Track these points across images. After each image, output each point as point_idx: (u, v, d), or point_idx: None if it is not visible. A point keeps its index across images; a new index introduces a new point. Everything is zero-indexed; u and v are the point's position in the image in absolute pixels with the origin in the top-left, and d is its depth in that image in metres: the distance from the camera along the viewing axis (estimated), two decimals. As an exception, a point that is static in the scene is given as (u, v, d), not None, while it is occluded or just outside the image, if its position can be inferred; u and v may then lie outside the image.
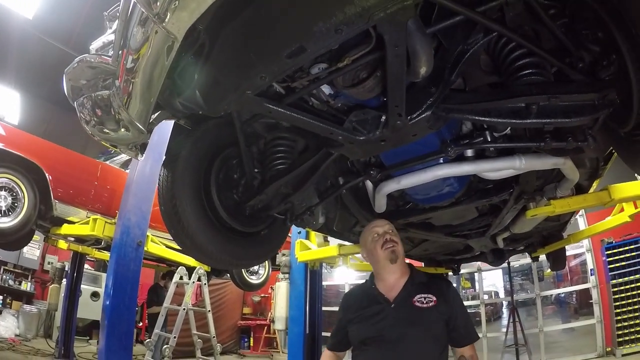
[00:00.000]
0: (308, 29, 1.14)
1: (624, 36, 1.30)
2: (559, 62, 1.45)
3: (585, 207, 3.44)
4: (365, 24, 1.09)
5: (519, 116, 1.49)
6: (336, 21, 1.08)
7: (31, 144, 5.63)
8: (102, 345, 4.96)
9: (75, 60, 1.79)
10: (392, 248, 2.20)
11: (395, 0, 1.01)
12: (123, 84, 1.48)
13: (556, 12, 1.46)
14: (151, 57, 1.30)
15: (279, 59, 1.26)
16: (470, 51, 1.45)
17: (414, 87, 1.48)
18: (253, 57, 1.30)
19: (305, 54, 1.22)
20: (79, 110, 1.79)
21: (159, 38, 1.23)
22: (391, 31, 1.16)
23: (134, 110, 1.52)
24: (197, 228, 2.13)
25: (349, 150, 1.72)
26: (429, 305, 2.06)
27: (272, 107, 1.50)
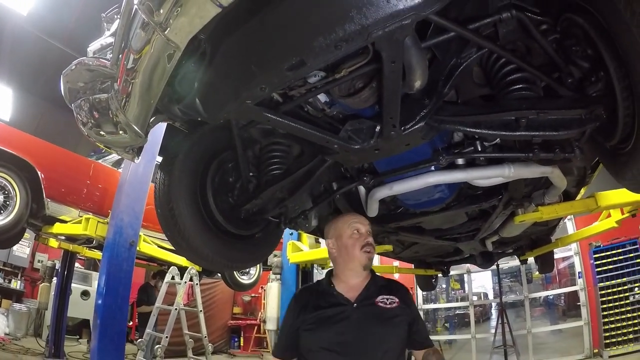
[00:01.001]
0: (308, 44, 1.17)
1: (611, 55, 1.33)
2: (548, 78, 1.49)
3: (572, 214, 3.50)
4: (364, 41, 1.13)
5: (508, 128, 1.53)
6: (336, 37, 1.11)
7: (24, 142, 5.58)
8: (95, 344, 4.94)
9: (73, 62, 1.79)
10: (370, 254, 2.08)
11: (393, 19, 1.05)
12: (122, 88, 1.50)
13: (548, 29, 1.49)
14: (151, 63, 1.32)
15: (279, 72, 1.28)
16: (463, 65, 1.49)
17: (408, 99, 1.52)
18: (254, 68, 1.32)
19: (304, 68, 1.25)
20: (76, 112, 1.80)
21: (160, 45, 1.25)
22: (389, 48, 1.20)
23: (132, 114, 1.53)
24: (193, 231, 2.18)
25: (344, 158, 1.77)
26: (393, 306, 1.98)
27: (270, 117, 1.53)
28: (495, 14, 1.37)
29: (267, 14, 1.18)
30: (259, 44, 1.27)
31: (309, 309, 2.02)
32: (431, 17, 1.20)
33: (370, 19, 1.05)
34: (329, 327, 1.94)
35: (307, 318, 2.00)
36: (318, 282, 2.22)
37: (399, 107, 1.43)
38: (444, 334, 12.12)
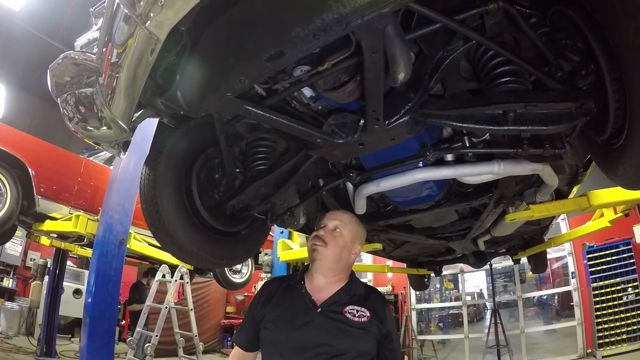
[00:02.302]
0: (286, 34, 1.15)
1: (601, 47, 1.31)
2: (536, 71, 1.46)
3: (564, 213, 3.48)
4: (343, 31, 1.10)
5: (496, 123, 1.50)
6: (314, 27, 1.09)
7: (14, 139, 5.55)
8: (84, 343, 4.93)
9: (60, 56, 1.78)
10: (314, 247, 1.91)
11: (372, 7, 1.02)
12: (106, 82, 1.49)
13: (537, 21, 1.46)
14: (134, 56, 1.31)
15: (258, 63, 1.26)
16: (450, 58, 1.47)
17: (393, 92, 1.49)
18: (232, 60, 1.31)
19: (283, 59, 1.23)
20: (62, 106, 1.80)
21: (142, 38, 1.24)
22: (368, 37, 1.17)
23: (117, 109, 1.52)
24: (177, 227, 2.15)
25: (328, 153, 1.74)
26: (361, 320, 1.78)
27: (251, 109, 1.51)
28: (481, 5, 1.34)
29: (245, 5, 1.16)
30: (237, 35, 1.26)
31: (272, 303, 1.89)
32: (413, 6, 1.17)
33: (348, 8, 1.03)
34: (286, 330, 1.79)
35: (267, 314, 1.86)
36: (292, 274, 2.13)
37: (382, 100, 1.40)
38: (438, 334, 12.14)
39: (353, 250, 1.96)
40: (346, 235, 1.93)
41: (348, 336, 1.75)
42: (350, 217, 2.01)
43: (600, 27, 1.28)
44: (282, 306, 1.86)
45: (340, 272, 1.93)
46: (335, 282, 1.90)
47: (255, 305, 1.94)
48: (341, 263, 1.92)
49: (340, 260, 1.91)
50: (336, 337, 1.73)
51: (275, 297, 1.90)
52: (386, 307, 1.93)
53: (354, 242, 1.96)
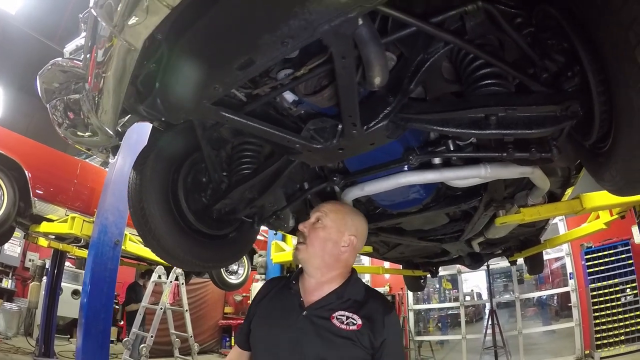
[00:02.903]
0: (254, 42, 1.15)
1: (585, 47, 1.28)
2: (517, 73, 1.44)
3: (556, 215, 3.47)
4: (310, 37, 1.10)
5: (478, 127, 1.47)
6: (281, 34, 1.09)
7: (11, 141, 5.61)
8: (80, 343, 4.97)
9: (48, 63, 1.83)
10: (295, 247, 1.82)
11: (338, 13, 1.01)
12: (91, 89, 1.51)
13: (522, 21, 1.43)
14: (114, 64, 1.33)
15: (229, 71, 1.27)
16: (430, 60, 1.44)
17: (372, 96, 1.48)
18: (206, 68, 1.32)
19: (254, 66, 1.23)
20: (52, 112, 1.85)
21: (120, 47, 1.26)
22: (337, 43, 1.16)
23: (102, 115, 1.55)
24: (163, 230, 2.15)
25: (308, 158, 1.72)
26: (349, 329, 1.57)
27: (227, 116, 1.51)
28: (460, 6, 1.31)
29: (214, 14, 1.16)
30: (209, 43, 1.26)
31: (266, 300, 1.81)
32: (384, 9, 1.16)
33: (314, 14, 1.02)
34: (270, 330, 1.70)
35: (259, 311, 1.79)
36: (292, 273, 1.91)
37: (357, 105, 1.38)
38: (437, 334, 12.14)
39: (341, 242, 1.74)
40: (329, 225, 1.75)
41: (327, 345, 1.57)
42: (332, 205, 1.85)
43: (584, 25, 1.25)
44: (273, 305, 1.77)
45: (330, 270, 1.73)
46: (327, 282, 1.72)
47: (252, 303, 1.90)
48: (328, 258, 1.72)
49: (325, 256, 1.72)
50: (313, 345, 1.57)
51: (270, 295, 1.82)
52: (388, 315, 1.66)
53: (341, 232, 1.75)
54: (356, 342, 1.56)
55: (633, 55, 1.07)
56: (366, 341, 1.57)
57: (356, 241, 1.78)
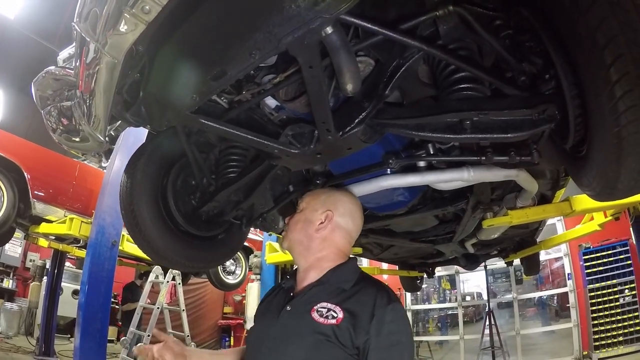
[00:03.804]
0: (225, 55, 1.20)
1: (557, 50, 1.26)
2: (490, 77, 1.43)
3: (545, 218, 3.47)
4: (276, 49, 1.13)
5: (454, 131, 1.46)
6: (248, 46, 1.13)
7: (10, 143, 5.72)
8: (77, 342, 5.04)
9: (42, 71, 1.89)
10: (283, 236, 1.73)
11: (300, 25, 1.04)
12: (82, 97, 1.57)
13: (501, 24, 1.41)
14: (101, 76, 1.38)
15: (205, 82, 1.31)
16: (405, 65, 1.44)
17: (348, 102, 1.50)
18: (183, 79, 1.36)
19: (226, 77, 1.27)
20: (46, 118, 1.92)
21: (104, 58, 1.30)
22: (302, 53, 1.19)
23: (93, 122, 1.60)
24: (153, 232, 2.20)
25: (288, 162, 1.75)
26: (327, 322, 1.37)
27: (206, 123, 1.55)
28: (431, 11, 1.31)
29: (188, 28, 1.21)
30: (184, 55, 1.31)
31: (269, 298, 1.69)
32: (347, 18, 1.18)
33: (277, 27, 1.06)
34: (258, 326, 1.61)
35: (259, 308, 1.70)
36: None
37: (329, 111, 1.41)
38: (437, 334, 12.14)
39: (316, 219, 1.60)
40: (303, 207, 1.67)
41: (298, 343, 1.39)
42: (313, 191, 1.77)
43: (555, 28, 1.24)
44: (269, 302, 1.65)
45: (311, 252, 1.59)
46: (313, 269, 1.57)
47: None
48: (306, 240, 1.60)
49: (303, 238, 1.61)
50: (290, 342, 1.41)
51: (273, 294, 1.70)
52: (381, 309, 1.40)
53: (315, 210, 1.63)
54: (331, 339, 1.35)
55: (602, 58, 1.06)
56: (346, 338, 1.35)
57: (334, 215, 1.60)
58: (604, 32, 1.03)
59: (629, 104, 1.06)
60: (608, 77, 1.06)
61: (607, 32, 1.03)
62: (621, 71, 1.04)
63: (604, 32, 1.03)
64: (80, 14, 1.24)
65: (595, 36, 1.05)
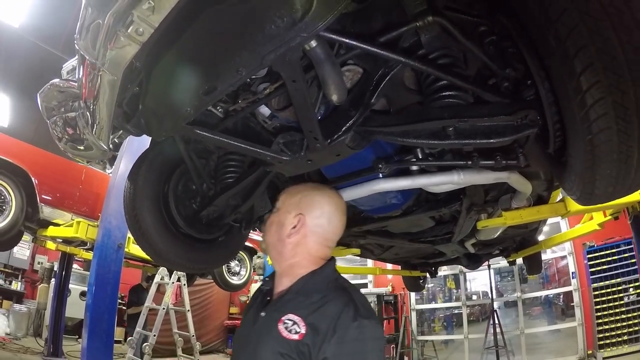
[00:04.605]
0: (214, 71, 1.28)
1: (533, 58, 1.27)
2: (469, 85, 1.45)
3: (539, 219, 3.48)
4: (260, 65, 1.20)
5: (437, 137, 1.49)
6: (235, 64, 1.20)
7: (18, 149, 5.88)
8: (85, 343, 5.09)
9: (47, 84, 2.00)
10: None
11: (280, 43, 1.10)
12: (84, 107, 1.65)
13: (485, 30, 1.41)
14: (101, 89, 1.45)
15: (197, 96, 1.38)
16: (390, 74, 1.47)
17: (336, 110, 1.56)
18: (177, 94, 1.44)
19: (217, 92, 1.34)
20: (52, 128, 2.01)
21: (104, 74, 1.38)
22: (284, 69, 1.26)
23: (95, 131, 1.69)
24: (155, 235, 2.29)
25: (281, 169, 1.82)
26: (290, 337, 1.28)
27: (202, 134, 1.63)
28: (412, 22, 1.33)
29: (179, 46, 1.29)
30: (177, 72, 1.39)
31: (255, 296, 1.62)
32: (326, 35, 1.23)
33: (260, 45, 1.13)
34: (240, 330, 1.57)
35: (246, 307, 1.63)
36: None
37: (315, 121, 1.47)
38: (442, 334, 12.15)
39: (288, 223, 1.50)
40: (278, 208, 1.58)
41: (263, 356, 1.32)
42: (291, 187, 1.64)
43: (530, 35, 1.24)
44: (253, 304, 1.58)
45: (283, 258, 1.50)
46: (286, 275, 1.49)
47: None
48: (279, 245, 1.51)
49: (276, 242, 1.52)
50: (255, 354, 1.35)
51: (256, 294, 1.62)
52: (343, 324, 1.27)
53: (288, 212, 1.52)
54: (292, 355, 1.27)
55: (572, 67, 1.06)
56: (306, 356, 1.26)
57: (307, 219, 1.49)
58: (574, 41, 1.04)
59: (600, 112, 1.07)
60: (579, 85, 1.07)
61: (577, 41, 1.04)
62: (592, 80, 1.05)
63: (574, 41, 1.04)
64: (80, 32, 1.31)
65: (566, 45, 1.06)
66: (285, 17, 1.05)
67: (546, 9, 1.08)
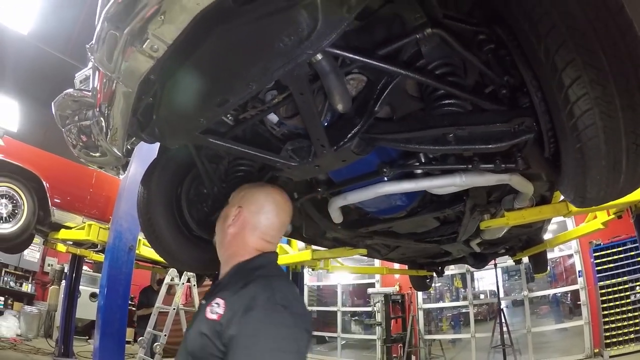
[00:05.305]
0: (226, 84, 1.37)
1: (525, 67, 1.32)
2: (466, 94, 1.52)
3: (541, 219, 3.53)
4: (269, 80, 1.29)
5: (439, 143, 1.55)
6: (246, 79, 1.29)
7: (29, 154, 5.97)
8: (97, 343, 5.22)
9: (62, 93, 2.08)
10: None
11: (288, 60, 1.18)
12: (99, 117, 1.75)
13: (484, 38, 1.46)
14: (116, 100, 1.54)
15: (211, 108, 1.47)
16: (393, 83, 1.53)
17: (341, 118, 1.63)
18: (191, 106, 1.53)
19: (229, 103, 1.43)
20: (67, 135, 2.09)
21: (119, 86, 1.46)
22: (293, 83, 1.35)
23: (110, 139, 1.78)
24: (169, 238, 2.38)
25: (290, 174, 1.89)
26: (210, 318, 1.36)
27: (214, 142, 1.72)
28: (412, 34, 1.39)
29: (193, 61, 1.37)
30: (191, 85, 1.46)
31: None
32: (330, 50, 1.30)
33: (269, 62, 1.21)
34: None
35: None
36: None
37: (322, 129, 1.54)
38: (449, 333, 12.18)
39: (230, 215, 1.65)
40: (229, 202, 1.75)
41: (193, 336, 1.41)
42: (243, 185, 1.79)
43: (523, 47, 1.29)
44: None
45: (223, 249, 1.65)
46: (225, 265, 1.63)
47: None
48: (221, 236, 1.68)
49: (221, 234, 1.69)
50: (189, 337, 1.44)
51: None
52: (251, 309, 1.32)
53: (232, 206, 1.68)
54: (208, 334, 1.35)
55: (561, 80, 1.13)
56: (218, 335, 1.33)
57: (244, 212, 1.62)
58: (562, 56, 1.11)
59: (588, 122, 1.15)
60: (567, 97, 1.14)
61: (565, 56, 1.10)
62: (579, 92, 1.12)
63: (562, 56, 1.11)
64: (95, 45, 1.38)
65: (554, 59, 1.13)
66: (292, 36, 1.13)
67: (535, 25, 1.15)
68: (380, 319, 11.74)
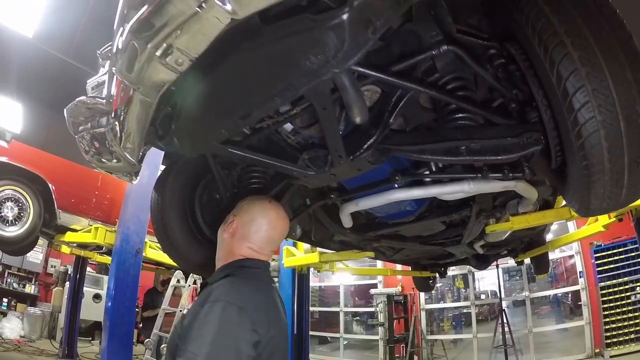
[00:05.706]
0: (251, 99, 1.41)
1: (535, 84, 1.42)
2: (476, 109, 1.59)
3: (545, 223, 3.59)
4: (294, 95, 1.33)
5: (451, 154, 1.62)
6: (271, 93, 1.33)
7: (34, 157, 5.99)
8: (104, 344, 5.27)
9: (75, 100, 2.07)
10: None
11: (314, 77, 1.23)
12: (115, 125, 1.76)
13: (495, 53, 1.56)
14: (134, 108, 1.57)
15: (233, 120, 1.51)
16: (407, 96, 1.60)
17: (357, 129, 1.68)
18: (214, 118, 1.57)
19: (252, 117, 1.48)
20: (79, 141, 2.11)
21: (138, 97, 1.49)
22: (317, 99, 1.40)
23: (125, 146, 1.80)
24: (182, 243, 2.42)
25: (306, 182, 1.96)
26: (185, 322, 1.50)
27: (233, 152, 1.76)
28: (427, 50, 1.47)
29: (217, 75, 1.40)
30: (214, 98, 1.51)
31: None
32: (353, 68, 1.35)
33: (295, 79, 1.26)
34: None
35: None
36: None
37: (340, 140, 1.59)
38: (451, 333, 12.22)
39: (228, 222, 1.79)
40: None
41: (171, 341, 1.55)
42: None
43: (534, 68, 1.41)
44: None
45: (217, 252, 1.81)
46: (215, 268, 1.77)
47: None
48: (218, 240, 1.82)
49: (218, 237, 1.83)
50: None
51: None
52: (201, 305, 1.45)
53: (232, 214, 1.81)
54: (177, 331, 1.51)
55: (570, 104, 1.26)
56: (180, 325, 1.50)
57: (236, 221, 1.75)
58: (572, 83, 1.24)
59: (594, 142, 1.27)
60: (576, 120, 1.27)
61: (575, 83, 1.23)
62: (587, 116, 1.24)
63: (572, 83, 1.24)
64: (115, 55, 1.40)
65: (565, 85, 1.25)
66: (319, 55, 1.17)
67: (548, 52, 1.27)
68: (383, 319, 11.81)
